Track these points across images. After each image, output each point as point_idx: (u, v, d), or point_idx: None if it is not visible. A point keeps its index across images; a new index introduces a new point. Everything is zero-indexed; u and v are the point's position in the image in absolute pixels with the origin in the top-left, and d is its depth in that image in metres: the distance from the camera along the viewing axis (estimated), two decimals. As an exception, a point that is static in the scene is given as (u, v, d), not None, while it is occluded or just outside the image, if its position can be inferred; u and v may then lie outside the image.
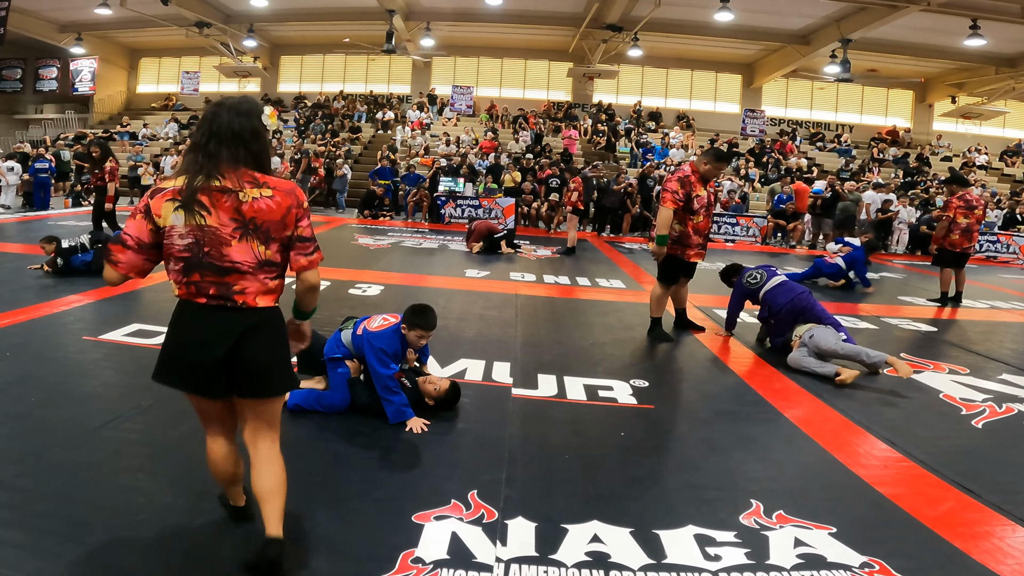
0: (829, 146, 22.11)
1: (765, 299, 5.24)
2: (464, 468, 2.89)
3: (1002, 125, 23.65)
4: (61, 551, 2.12)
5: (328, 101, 23.25)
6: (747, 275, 5.45)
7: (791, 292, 5.15)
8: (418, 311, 3.32)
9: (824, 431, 3.53)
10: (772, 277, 5.33)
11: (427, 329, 3.32)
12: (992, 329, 6.73)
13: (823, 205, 14.31)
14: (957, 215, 7.74)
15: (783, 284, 5.25)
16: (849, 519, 2.56)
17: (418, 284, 7.60)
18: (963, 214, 7.74)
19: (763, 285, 5.29)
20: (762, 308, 5.30)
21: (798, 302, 5.08)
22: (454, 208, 15.04)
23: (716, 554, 2.29)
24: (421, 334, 3.31)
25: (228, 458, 2.24)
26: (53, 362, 4.02)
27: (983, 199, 9.25)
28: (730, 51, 22.07)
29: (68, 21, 20.71)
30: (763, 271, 5.43)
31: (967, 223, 7.75)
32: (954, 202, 7.80)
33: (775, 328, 5.22)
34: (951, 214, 7.79)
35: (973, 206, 7.74)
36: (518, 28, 21.03)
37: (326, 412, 3.40)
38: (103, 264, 2.15)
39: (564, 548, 2.29)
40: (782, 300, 5.12)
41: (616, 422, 3.55)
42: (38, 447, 2.83)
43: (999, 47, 18.53)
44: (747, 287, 5.39)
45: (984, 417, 3.88)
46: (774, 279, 5.30)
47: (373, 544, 2.27)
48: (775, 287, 5.23)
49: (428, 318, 3.31)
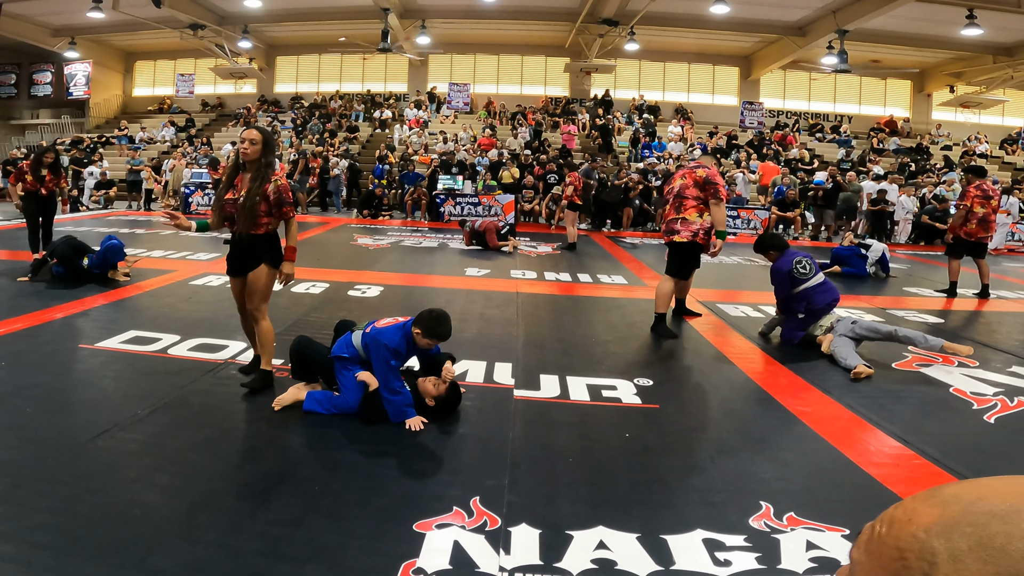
0: (828, 137, 22.01)
1: (806, 295, 5.05)
2: (466, 473, 2.83)
3: (1001, 114, 23.60)
4: (56, 565, 2.07)
5: (325, 101, 23.17)
6: (796, 262, 5.12)
7: (832, 294, 5.05)
8: (437, 319, 3.28)
9: (834, 428, 3.46)
10: (818, 272, 5.13)
11: (444, 339, 3.34)
12: (999, 320, 6.67)
13: (824, 196, 14.25)
14: (975, 204, 7.75)
15: (825, 284, 5.11)
16: (863, 520, 2.40)
17: (418, 284, 7.55)
18: (980, 203, 7.75)
19: (809, 278, 5.08)
20: (799, 303, 5.10)
21: (833, 304, 5.01)
22: (453, 206, 14.99)
23: (726, 559, 2.23)
24: (433, 342, 3.33)
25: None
26: (49, 371, 3.96)
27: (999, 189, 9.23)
28: (727, 44, 22.00)
29: (61, 25, 20.65)
30: (811, 263, 5.14)
31: (984, 212, 7.75)
32: (971, 191, 7.80)
33: (800, 323, 5.09)
34: (968, 203, 7.79)
35: (990, 196, 7.76)
36: (514, 24, 20.96)
37: (338, 413, 3.35)
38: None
39: (569, 555, 2.23)
40: (823, 300, 5.00)
41: (621, 423, 3.48)
42: (33, 458, 2.77)
43: (996, 36, 18.45)
44: (796, 276, 5.09)
45: (996, 412, 3.81)
46: (818, 276, 5.11)
47: (374, 554, 2.21)
48: (818, 285, 5.06)
49: (445, 328, 3.31)
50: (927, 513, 0.51)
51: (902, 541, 0.51)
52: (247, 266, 3.79)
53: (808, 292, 5.06)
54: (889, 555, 0.51)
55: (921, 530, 0.50)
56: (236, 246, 3.83)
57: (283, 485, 2.68)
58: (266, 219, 3.73)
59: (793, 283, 5.12)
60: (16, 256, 8.17)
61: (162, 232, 11.14)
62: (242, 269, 3.82)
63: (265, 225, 3.75)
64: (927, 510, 0.51)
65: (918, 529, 0.50)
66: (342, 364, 3.43)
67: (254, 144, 3.68)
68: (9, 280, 6.53)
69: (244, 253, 3.80)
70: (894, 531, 0.52)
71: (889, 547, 0.52)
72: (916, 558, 0.49)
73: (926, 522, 0.50)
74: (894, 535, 0.52)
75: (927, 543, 0.49)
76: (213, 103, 24.44)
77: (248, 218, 3.69)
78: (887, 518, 0.54)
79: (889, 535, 0.52)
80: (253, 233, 3.74)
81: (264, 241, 3.78)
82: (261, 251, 3.77)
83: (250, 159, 3.70)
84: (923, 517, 0.51)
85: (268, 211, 3.72)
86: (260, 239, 3.76)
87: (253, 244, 3.76)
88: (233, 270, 3.88)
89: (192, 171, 16.08)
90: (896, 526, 0.52)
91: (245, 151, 3.68)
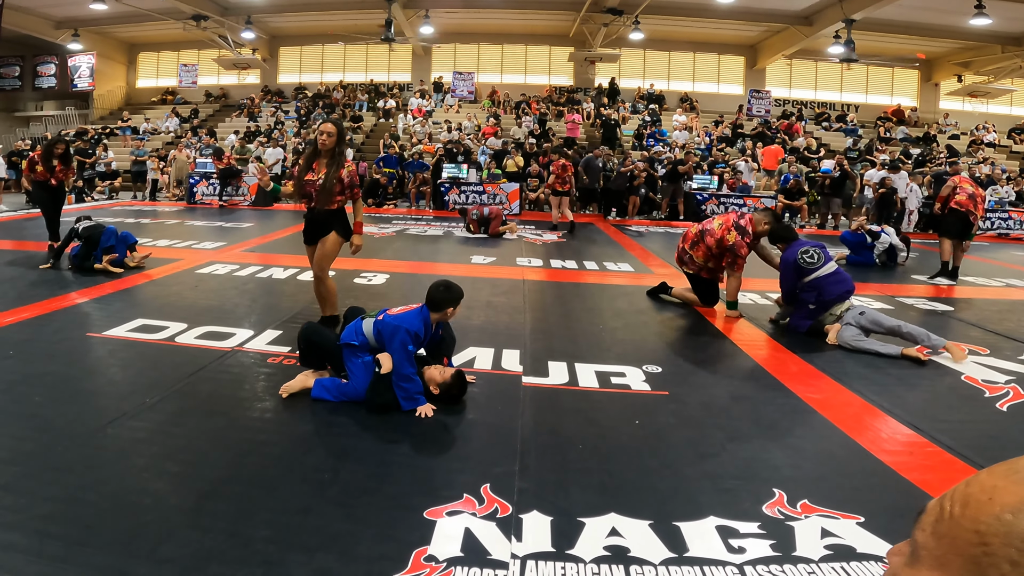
0: (835, 126, 21.85)
1: (816, 284, 4.95)
2: (476, 461, 2.82)
3: (1009, 103, 23.44)
4: (66, 554, 2.05)
5: (329, 91, 23.10)
6: (803, 251, 5.06)
7: (844, 284, 4.96)
8: (445, 287, 3.44)
9: (845, 415, 3.43)
10: (828, 262, 5.03)
11: (458, 302, 3.47)
12: (1010, 308, 6.61)
13: (832, 184, 14.15)
14: (962, 181, 7.88)
15: (837, 273, 5.01)
16: (877, 508, 2.46)
17: (424, 272, 7.52)
18: (968, 182, 7.91)
19: (817, 268, 4.99)
20: (808, 292, 5.00)
21: (847, 296, 4.93)
22: (458, 194, 14.95)
23: (740, 546, 2.21)
24: (454, 309, 3.46)
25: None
26: (57, 360, 3.95)
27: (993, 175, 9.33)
28: (732, 33, 21.84)
29: (64, 17, 20.60)
30: (820, 251, 5.05)
31: (972, 190, 7.79)
32: (960, 176, 8.08)
33: (810, 312, 5.00)
34: (957, 180, 7.94)
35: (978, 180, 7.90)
36: (518, 13, 20.84)
37: (347, 400, 3.34)
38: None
39: (581, 543, 2.21)
40: (835, 291, 4.91)
41: (630, 410, 3.46)
42: (42, 447, 2.77)
43: (1005, 26, 18.26)
44: (802, 266, 5.03)
45: (1008, 400, 3.76)
46: (828, 265, 5.01)
47: (384, 542, 2.19)
48: (829, 275, 4.96)
49: (455, 290, 3.45)
50: (1012, 492, 0.45)
51: (982, 524, 0.45)
52: (320, 235, 4.56)
53: (818, 282, 4.96)
54: (966, 539, 0.45)
55: (1007, 511, 0.44)
56: (312, 219, 4.62)
57: (292, 473, 2.66)
58: (339, 197, 4.54)
59: (800, 273, 5.04)
60: (22, 246, 8.18)
61: (168, 222, 11.13)
62: (315, 238, 4.59)
63: (338, 202, 4.56)
64: (1011, 488, 0.45)
65: (1003, 510, 0.44)
66: (351, 352, 3.41)
67: (331, 136, 4.45)
68: (21, 269, 6.53)
69: (319, 225, 4.58)
70: (971, 512, 0.46)
71: (966, 530, 0.46)
72: (1002, 543, 0.43)
73: (1012, 502, 0.44)
74: (971, 516, 0.46)
75: (1015, 526, 0.43)
76: (217, 94, 24.38)
77: (325, 196, 4.48)
78: (960, 497, 0.48)
79: (965, 516, 0.46)
80: (327, 209, 4.51)
81: (335, 215, 4.57)
82: (333, 223, 4.56)
83: (327, 147, 4.46)
84: (1007, 496, 0.45)
85: (341, 191, 4.51)
86: (333, 213, 4.55)
87: (327, 217, 4.55)
88: (309, 239, 4.67)
89: (197, 161, 16.07)
90: (973, 506, 0.46)
91: (324, 141, 4.45)
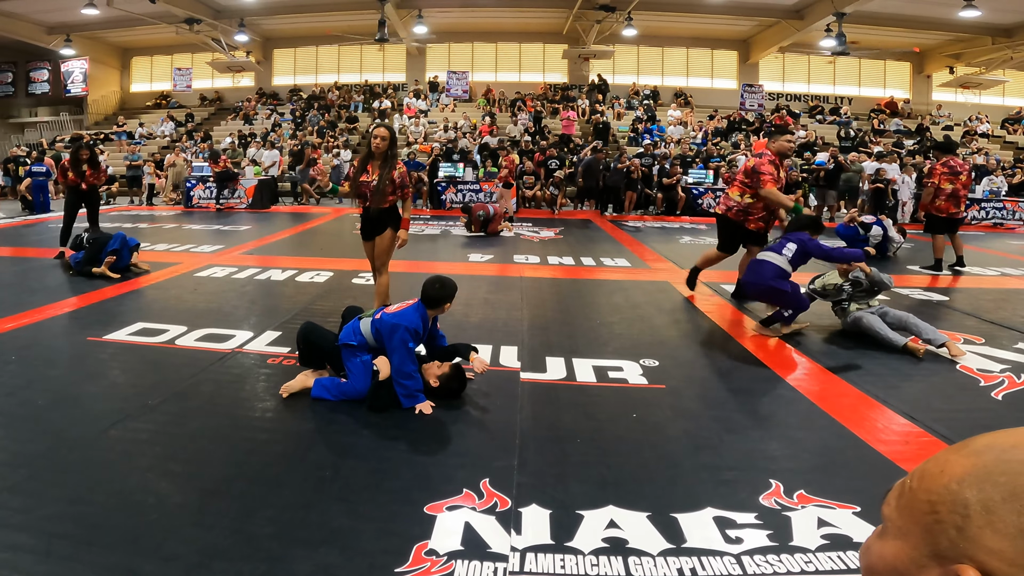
0: (829, 119, 21.90)
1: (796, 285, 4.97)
2: (475, 456, 2.85)
3: (1002, 94, 23.50)
4: (73, 554, 2.08)
5: (323, 92, 23.09)
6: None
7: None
8: (440, 284, 3.49)
9: (841, 406, 3.47)
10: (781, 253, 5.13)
11: (453, 297, 3.55)
12: (1004, 297, 6.65)
13: (826, 176, 14.21)
14: (942, 181, 7.80)
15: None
16: (873, 497, 2.44)
17: (421, 270, 7.53)
18: (948, 180, 7.79)
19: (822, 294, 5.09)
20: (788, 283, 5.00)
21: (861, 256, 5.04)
22: (455, 193, 14.98)
23: (737, 536, 2.24)
24: (450, 304, 3.54)
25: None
26: (59, 364, 3.99)
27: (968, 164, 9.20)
28: (725, 28, 21.85)
29: (56, 23, 20.54)
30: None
31: (952, 188, 7.78)
32: (938, 168, 7.87)
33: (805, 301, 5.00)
34: (936, 180, 7.84)
35: (958, 172, 7.80)
36: (511, 11, 20.85)
37: (346, 399, 3.37)
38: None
39: (580, 535, 2.24)
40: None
41: (628, 403, 3.49)
42: (47, 450, 2.79)
43: (994, 17, 18.30)
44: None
45: (1003, 388, 3.80)
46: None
47: (386, 537, 2.22)
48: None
49: (448, 286, 3.51)
50: (959, 464, 0.48)
51: (934, 494, 0.48)
52: (376, 232, 4.89)
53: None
54: (921, 509, 0.49)
55: (954, 481, 0.47)
56: (368, 218, 4.91)
57: (294, 471, 2.69)
58: (391, 196, 4.82)
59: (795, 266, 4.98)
60: (21, 252, 8.19)
61: (165, 226, 11.14)
62: (372, 235, 4.92)
63: (391, 201, 4.84)
64: (959, 460, 0.48)
65: (950, 480, 0.47)
66: (350, 352, 3.44)
67: (384, 140, 4.74)
68: (21, 275, 6.54)
69: (375, 223, 4.89)
70: (925, 484, 0.49)
71: (921, 501, 0.49)
72: (948, 511, 0.46)
73: (959, 472, 0.47)
74: (926, 488, 0.49)
75: (959, 494, 0.46)
76: (211, 97, 24.36)
77: (380, 196, 4.76)
78: (918, 472, 0.51)
79: (921, 488, 0.49)
80: (381, 207, 4.78)
81: (389, 213, 4.88)
82: (387, 220, 4.87)
83: (380, 150, 4.74)
84: (955, 468, 0.48)
85: (393, 191, 4.79)
86: (386, 211, 4.86)
87: (382, 215, 4.85)
88: (367, 235, 4.99)
89: (194, 165, 16.05)
90: (927, 479, 0.49)
91: (377, 145, 4.74)
